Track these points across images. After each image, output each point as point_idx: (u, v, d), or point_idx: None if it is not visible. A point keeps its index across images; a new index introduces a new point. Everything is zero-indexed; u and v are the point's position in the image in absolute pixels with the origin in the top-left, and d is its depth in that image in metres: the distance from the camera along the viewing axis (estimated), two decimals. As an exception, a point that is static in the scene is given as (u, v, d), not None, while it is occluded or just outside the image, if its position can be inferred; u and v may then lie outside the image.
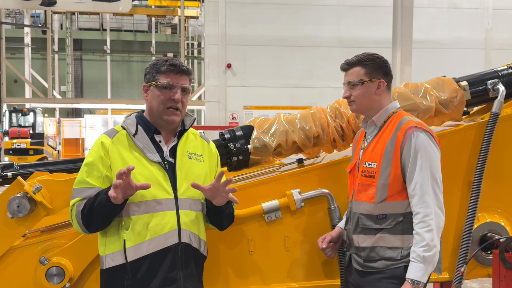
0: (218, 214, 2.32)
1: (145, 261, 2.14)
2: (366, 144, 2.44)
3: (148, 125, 2.26)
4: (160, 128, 2.27)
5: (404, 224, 2.29)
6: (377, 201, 2.31)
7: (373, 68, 2.39)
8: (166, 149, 2.26)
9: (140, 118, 2.27)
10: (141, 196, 2.13)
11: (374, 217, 2.33)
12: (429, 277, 2.31)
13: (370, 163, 2.35)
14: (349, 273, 2.50)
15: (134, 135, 2.21)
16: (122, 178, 2.00)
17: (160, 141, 2.26)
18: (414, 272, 2.22)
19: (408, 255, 2.26)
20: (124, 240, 2.14)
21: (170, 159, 2.25)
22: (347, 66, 2.45)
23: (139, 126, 2.23)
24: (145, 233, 2.14)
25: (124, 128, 2.24)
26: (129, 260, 2.13)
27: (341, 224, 2.63)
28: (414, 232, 2.24)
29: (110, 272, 2.18)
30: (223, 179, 2.18)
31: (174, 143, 2.29)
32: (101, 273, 2.24)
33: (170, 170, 2.22)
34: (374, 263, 2.34)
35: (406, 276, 2.23)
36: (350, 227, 2.45)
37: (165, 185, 2.18)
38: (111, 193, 2.02)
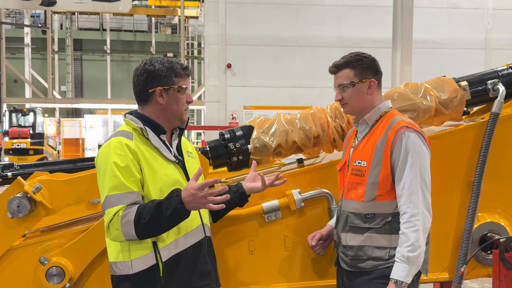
0: (235, 206, 2.46)
1: (180, 258, 2.16)
2: (356, 142, 2.44)
3: (155, 126, 2.24)
4: (166, 129, 2.28)
5: (392, 224, 2.29)
6: (366, 200, 2.31)
7: (362, 69, 2.38)
8: (173, 149, 2.29)
9: (143, 119, 2.24)
10: (165, 196, 2.13)
11: (363, 216, 2.33)
12: (418, 278, 2.32)
13: (360, 161, 2.35)
14: (340, 274, 2.50)
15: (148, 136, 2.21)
16: (210, 195, 2.02)
17: (164, 141, 2.27)
18: (398, 272, 2.22)
19: None
20: (154, 242, 2.14)
21: (180, 158, 2.30)
22: (335, 69, 2.43)
23: (146, 127, 2.22)
24: (178, 230, 2.16)
25: (140, 129, 2.20)
26: (163, 260, 2.14)
27: (332, 222, 2.63)
28: (400, 231, 2.24)
29: (140, 276, 2.14)
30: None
31: (176, 142, 2.32)
32: (120, 278, 2.18)
33: (182, 168, 2.27)
34: (362, 263, 2.33)
35: (390, 276, 2.23)
36: (339, 226, 2.45)
37: (184, 183, 2.20)
38: (200, 205, 2.02)
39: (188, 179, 2.24)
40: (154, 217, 2.03)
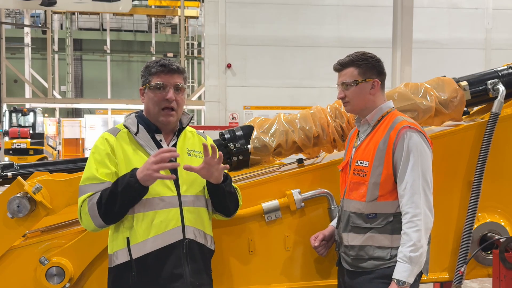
0: (220, 195, 2.29)
1: (149, 258, 2.16)
2: (358, 142, 2.44)
3: (149, 125, 2.28)
4: (160, 128, 2.29)
5: (394, 224, 2.29)
6: (368, 200, 2.31)
7: (366, 68, 2.38)
8: (166, 147, 2.27)
9: (141, 118, 2.30)
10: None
11: (364, 216, 2.33)
12: (419, 278, 2.32)
13: (362, 161, 2.35)
14: (341, 273, 2.50)
15: (136, 134, 2.24)
16: (161, 160, 2.04)
17: (160, 140, 2.28)
18: (400, 272, 2.22)
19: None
20: (128, 238, 2.16)
21: (172, 159, 2.26)
22: (340, 67, 2.44)
23: (140, 125, 2.26)
24: (149, 230, 2.16)
25: (126, 127, 2.27)
26: (134, 257, 2.15)
27: (334, 223, 2.63)
28: (402, 232, 2.25)
29: (116, 270, 2.20)
30: (211, 151, 2.17)
31: (173, 142, 2.31)
32: (109, 270, 2.26)
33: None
34: (364, 262, 2.34)
35: (393, 276, 2.23)
36: (341, 226, 2.45)
37: (168, 182, 2.20)
38: (149, 172, 2.03)
39: (176, 178, 2.22)
40: (111, 196, 2.09)
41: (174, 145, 2.30)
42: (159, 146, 2.26)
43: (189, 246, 2.22)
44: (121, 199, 2.09)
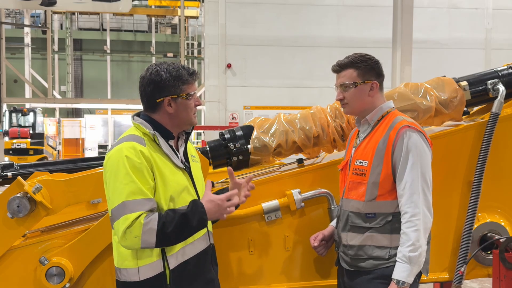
0: None
1: (187, 266, 2.16)
2: (358, 142, 2.45)
3: (165, 131, 2.21)
4: (174, 134, 2.25)
5: (393, 223, 2.30)
6: (367, 199, 2.32)
7: (365, 70, 2.38)
8: (180, 154, 2.27)
9: (154, 124, 2.20)
10: (175, 203, 2.12)
11: (363, 215, 2.33)
12: (419, 278, 2.32)
13: (362, 161, 2.35)
14: (341, 274, 2.50)
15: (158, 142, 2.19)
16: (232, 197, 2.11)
17: (171, 146, 2.24)
18: (400, 272, 2.22)
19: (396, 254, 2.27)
20: (162, 249, 2.12)
21: (187, 164, 2.28)
22: (338, 68, 2.43)
23: (156, 132, 2.18)
24: None
25: (147, 135, 2.16)
26: (171, 268, 2.13)
27: (334, 223, 2.63)
28: (401, 231, 2.25)
29: (147, 283, 2.13)
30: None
31: (182, 148, 2.29)
32: (129, 285, 2.15)
33: (189, 174, 2.25)
34: (362, 262, 2.34)
35: (392, 276, 2.23)
36: (340, 225, 2.46)
37: (192, 190, 2.21)
38: (225, 213, 2.12)
39: (194, 184, 2.24)
40: (179, 227, 2.04)
41: (184, 151, 2.29)
42: (175, 153, 2.23)
43: (212, 250, 2.31)
44: (189, 232, 2.10)
